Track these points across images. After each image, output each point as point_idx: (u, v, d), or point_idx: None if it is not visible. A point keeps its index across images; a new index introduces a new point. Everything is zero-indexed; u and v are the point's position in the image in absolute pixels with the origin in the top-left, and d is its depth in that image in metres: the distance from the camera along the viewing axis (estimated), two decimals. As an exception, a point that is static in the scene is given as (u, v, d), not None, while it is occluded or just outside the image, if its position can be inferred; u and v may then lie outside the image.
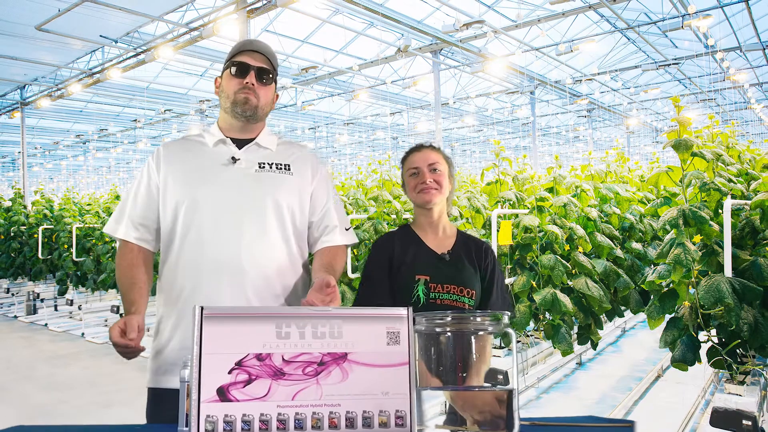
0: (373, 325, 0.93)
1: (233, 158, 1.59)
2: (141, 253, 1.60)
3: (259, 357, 0.88)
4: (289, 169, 1.64)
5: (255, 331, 0.89)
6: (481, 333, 0.91)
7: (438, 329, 0.92)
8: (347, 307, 0.97)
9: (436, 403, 0.92)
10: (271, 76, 1.62)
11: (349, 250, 4.58)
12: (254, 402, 0.86)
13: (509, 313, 0.93)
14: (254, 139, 1.65)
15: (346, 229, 1.70)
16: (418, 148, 1.74)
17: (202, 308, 0.89)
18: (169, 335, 1.55)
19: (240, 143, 1.63)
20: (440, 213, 1.72)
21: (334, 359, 0.90)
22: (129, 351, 1.38)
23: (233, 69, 1.59)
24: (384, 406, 0.90)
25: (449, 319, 0.91)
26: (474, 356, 0.91)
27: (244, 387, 0.87)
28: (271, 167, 1.62)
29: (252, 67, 1.58)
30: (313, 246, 1.70)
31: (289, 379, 0.88)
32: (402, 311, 0.95)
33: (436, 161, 1.69)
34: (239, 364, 0.87)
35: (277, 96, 1.72)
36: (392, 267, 1.66)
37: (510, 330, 0.90)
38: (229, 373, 0.87)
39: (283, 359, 0.89)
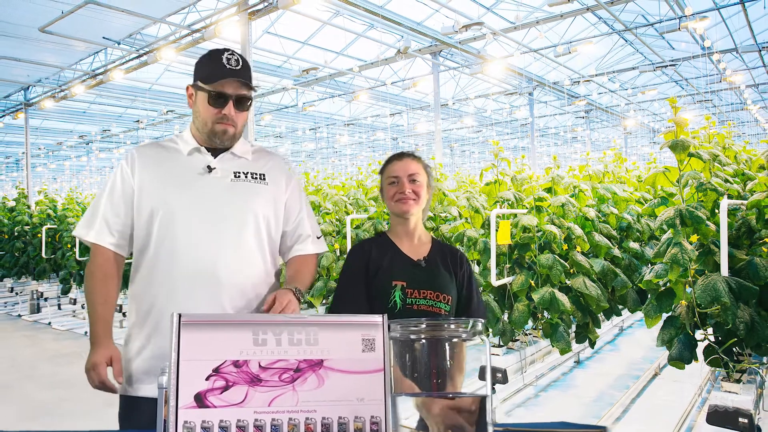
0: (348, 332, 0.94)
1: (209, 167, 1.57)
2: (116, 260, 1.57)
3: (236, 364, 0.89)
4: (264, 179, 1.62)
5: (232, 338, 0.90)
6: (455, 340, 0.92)
7: (412, 336, 0.93)
8: (323, 315, 0.98)
9: (412, 410, 0.93)
10: (249, 98, 1.56)
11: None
12: (231, 408, 0.87)
13: (483, 321, 0.94)
14: (229, 148, 1.62)
15: (318, 238, 1.71)
16: (399, 156, 1.74)
17: (180, 315, 0.90)
18: (141, 344, 1.53)
19: (215, 152, 1.61)
20: (416, 222, 1.74)
21: (310, 366, 0.92)
22: (104, 389, 1.41)
23: (210, 98, 1.51)
24: (359, 412, 0.91)
25: (423, 326, 0.93)
26: (448, 363, 0.92)
27: (221, 393, 0.88)
28: (246, 176, 1.60)
29: (230, 96, 1.52)
30: (285, 254, 1.70)
31: (265, 386, 0.89)
32: (377, 318, 0.96)
33: (415, 172, 1.70)
34: (216, 370, 0.89)
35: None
36: (368, 273, 1.66)
37: (484, 338, 0.91)
38: (207, 379, 0.88)
39: (259, 366, 0.90)
